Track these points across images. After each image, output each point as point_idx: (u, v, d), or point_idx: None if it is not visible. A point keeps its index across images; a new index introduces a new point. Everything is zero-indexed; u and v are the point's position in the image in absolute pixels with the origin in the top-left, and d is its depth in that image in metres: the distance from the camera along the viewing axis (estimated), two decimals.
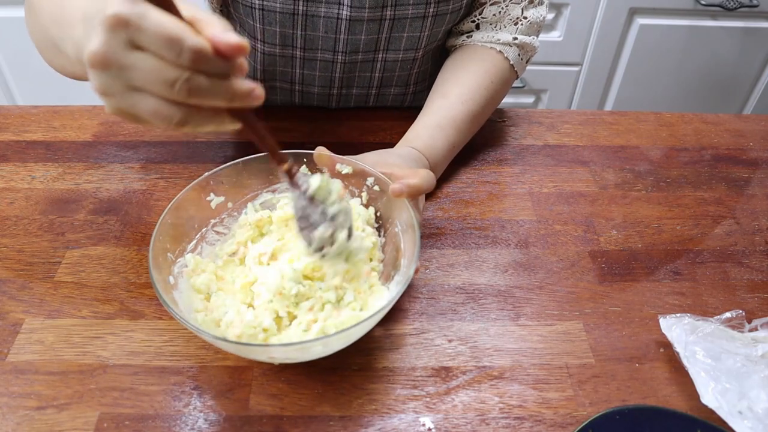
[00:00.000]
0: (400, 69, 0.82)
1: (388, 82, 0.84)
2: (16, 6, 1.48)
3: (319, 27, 0.74)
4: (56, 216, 0.68)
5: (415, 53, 0.80)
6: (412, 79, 0.85)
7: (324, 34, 0.75)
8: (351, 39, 0.76)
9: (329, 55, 0.78)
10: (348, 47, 0.77)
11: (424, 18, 0.75)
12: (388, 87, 0.85)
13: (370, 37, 0.76)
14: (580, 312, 0.60)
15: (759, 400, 0.50)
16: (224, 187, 0.60)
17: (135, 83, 0.37)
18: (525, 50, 0.80)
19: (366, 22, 0.74)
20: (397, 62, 0.81)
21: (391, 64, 0.81)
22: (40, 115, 0.83)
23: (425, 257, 0.65)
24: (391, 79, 0.84)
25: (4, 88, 1.63)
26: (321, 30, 0.75)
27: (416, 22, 0.75)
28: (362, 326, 0.48)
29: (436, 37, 0.80)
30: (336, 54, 0.78)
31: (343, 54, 0.78)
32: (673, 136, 0.85)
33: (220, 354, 0.55)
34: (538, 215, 0.71)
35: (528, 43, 0.79)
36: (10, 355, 0.54)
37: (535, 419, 0.51)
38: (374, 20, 0.74)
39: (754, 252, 0.68)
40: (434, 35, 0.79)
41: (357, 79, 0.83)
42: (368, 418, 0.51)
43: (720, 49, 1.59)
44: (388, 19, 0.74)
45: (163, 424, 0.50)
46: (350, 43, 0.76)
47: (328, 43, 0.77)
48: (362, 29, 0.75)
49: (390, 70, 0.82)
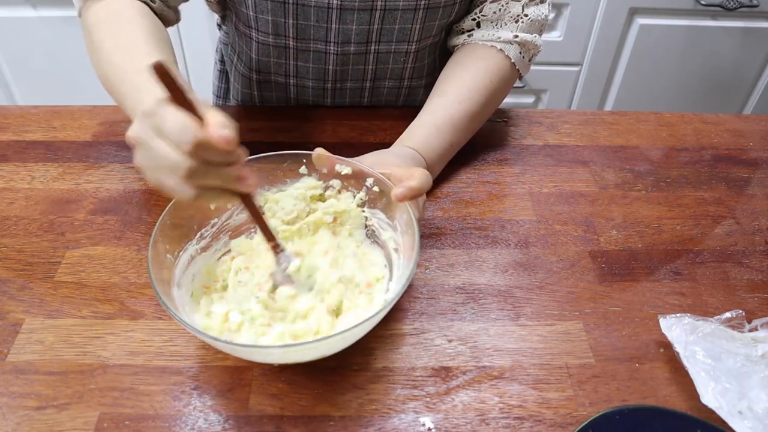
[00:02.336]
0: (393, 62, 0.83)
1: (381, 74, 0.84)
2: (17, 6, 1.48)
3: (311, 16, 0.75)
4: (56, 216, 0.68)
5: (407, 45, 0.80)
6: (406, 73, 0.85)
7: (315, 23, 0.76)
8: (342, 29, 0.77)
9: (322, 46, 0.79)
10: (340, 37, 0.77)
11: (416, 10, 0.76)
12: (381, 80, 0.86)
13: (362, 27, 0.77)
14: (580, 312, 0.60)
15: (759, 400, 0.50)
16: None
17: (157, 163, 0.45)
18: (527, 48, 0.79)
19: (356, 11, 0.75)
20: (390, 54, 0.81)
21: (384, 56, 0.81)
22: (40, 115, 0.83)
23: (425, 257, 0.65)
24: (384, 72, 0.84)
25: (4, 88, 1.63)
26: (312, 19, 0.76)
27: (407, 13, 0.76)
28: (361, 327, 0.48)
29: (430, 31, 0.80)
30: (328, 44, 0.78)
31: (335, 45, 0.78)
32: (673, 136, 0.85)
33: (220, 354, 0.55)
34: (538, 215, 0.71)
35: (530, 41, 0.79)
36: (10, 355, 0.54)
37: (535, 419, 0.51)
38: (364, 10, 0.75)
39: (754, 252, 0.68)
40: (428, 29, 0.79)
41: (351, 72, 0.83)
42: (368, 418, 0.51)
43: (720, 49, 1.59)
44: (378, 9, 0.75)
45: (163, 424, 0.50)
46: (342, 33, 0.77)
47: (320, 33, 0.77)
48: (353, 19, 0.75)
49: (383, 62, 0.82)
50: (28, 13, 1.49)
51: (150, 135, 0.44)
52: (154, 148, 0.44)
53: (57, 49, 1.54)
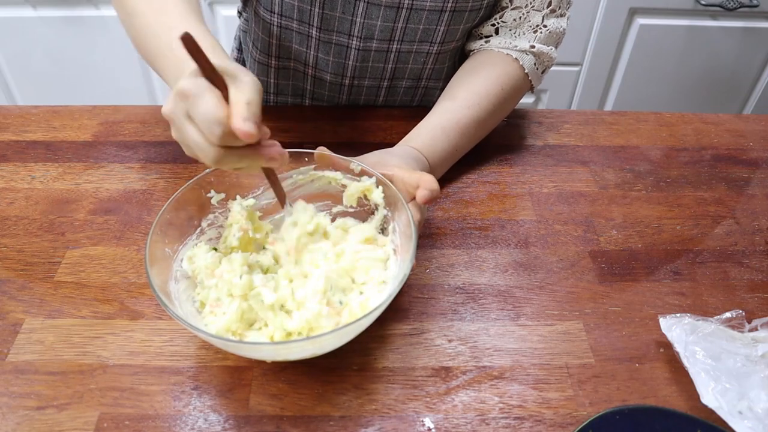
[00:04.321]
0: (414, 62, 0.83)
1: (400, 74, 0.84)
2: (17, 6, 1.48)
3: (337, 6, 0.75)
4: (56, 216, 0.68)
5: (430, 46, 0.80)
6: (424, 73, 0.85)
7: (341, 15, 0.76)
8: (367, 23, 0.76)
9: (344, 39, 0.79)
10: (363, 32, 0.77)
11: (442, 12, 0.76)
12: (399, 79, 0.85)
13: (386, 24, 0.77)
14: (580, 312, 0.60)
15: (759, 400, 0.50)
16: (225, 184, 0.60)
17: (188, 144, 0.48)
18: (541, 60, 0.79)
19: (383, 7, 0.75)
20: (411, 53, 0.81)
21: (405, 55, 0.81)
22: (40, 115, 0.83)
23: (425, 257, 0.65)
24: (403, 71, 0.84)
25: (4, 88, 1.63)
26: (338, 10, 0.76)
27: (433, 15, 0.76)
28: (358, 325, 0.48)
29: (453, 35, 0.80)
30: (351, 38, 0.78)
31: (358, 39, 0.78)
32: (673, 136, 0.85)
33: (220, 354, 0.55)
34: (538, 215, 0.71)
35: (545, 52, 0.78)
36: (10, 355, 0.54)
37: (535, 419, 0.51)
38: (391, 6, 0.75)
39: (754, 252, 0.68)
40: (452, 33, 0.79)
41: (370, 70, 0.83)
42: (368, 418, 0.51)
43: (720, 49, 1.59)
44: (405, 7, 0.75)
45: (163, 424, 0.50)
46: (366, 28, 0.77)
47: (344, 25, 0.77)
48: (379, 15, 0.75)
49: (403, 61, 0.82)
50: (28, 13, 1.49)
51: (181, 118, 0.47)
52: (185, 130, 0.47)
53: (57, 49, 1.54)
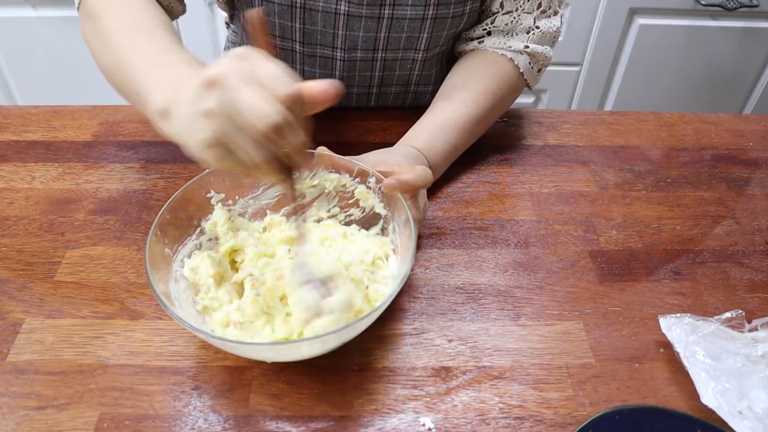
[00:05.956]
0: (400, 68, 0.82)
1: (388, 81, 0.84)
2: (17, 6, 1.48)
3: (318, 21, 0.75)
4: (56, 216, 0.68)
5: (415, 54, 0.80)
6: (413, 79, 0.85)
7: (322, 29, 0.76)
8: (349, 35, 0.76)
9: (328, 51, 0.78)
10: (346, 44, 0.77)
11: (423, 20, 0.75)
12: (388, 86, 0.85)
13: (368, 35, 0.76)
14: (580, 312, 0.60)
15: (759, 400, 0.50)
16: (225, 184, 0.60)
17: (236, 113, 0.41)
18: (536, 59, 0.79)
19: (364, 18, 0.74)
20: (396, 61, 0.81)
21: (391, 63, 0.81)
22: (40, 115, 0.83)
23: (425, 257, 0.65)
24: (391, 78, 0.84)
25: (4, 88, 1.63)
26: (319, 24, 0.75)
27: (415, 23, 0.75)
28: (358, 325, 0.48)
29: (437, 41, 0.80)
30: (335, 50, 0.78)
31: (342, 51, 0.78)
32: (673, 136, 0.85)
33: (220, 354, 0.55)
34: (538, 215, 0.71)
35: (540, 52, 0.78)
36: (10, 355, 0.54)
37: (535, 419, 0.51)
38: (372, 17, 0.74)
39: (754, 252, 0.68)
40: (435, 39, 0.79)
41: (357, 78, 0.83)
42: (368, 418, 0.51)
43: (720, 49, 1.59)
44: (386, 17, 0.74)
45: (163, 424, 0.50)
46: (348, 40, 0.77)
47: (326, 39, 0.77)
48: (360, 26, 0.75)
49: (390, 69, 0.82)
50: (28, 13, 1.50)
51: (236, 80, 0.41)
52: (238, 92, 0.40)
53: (57, 49, 1.54)
